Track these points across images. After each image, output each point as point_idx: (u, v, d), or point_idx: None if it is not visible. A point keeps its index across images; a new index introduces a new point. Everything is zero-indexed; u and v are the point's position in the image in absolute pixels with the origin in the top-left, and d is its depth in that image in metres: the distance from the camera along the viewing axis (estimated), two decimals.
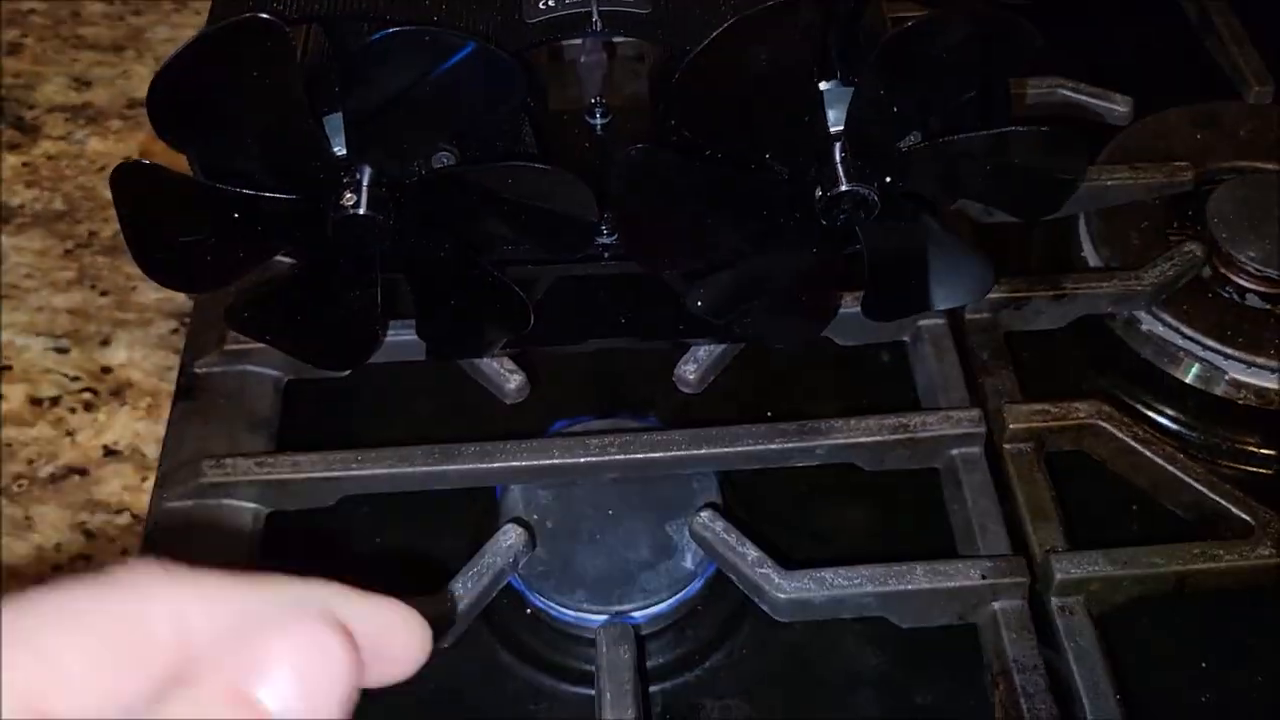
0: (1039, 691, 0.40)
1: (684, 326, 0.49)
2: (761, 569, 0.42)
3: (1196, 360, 0.52)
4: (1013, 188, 0.40)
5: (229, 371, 0.50)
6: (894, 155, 0.38)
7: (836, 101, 0.38)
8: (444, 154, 0.40)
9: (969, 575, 0.42)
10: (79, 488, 0.49)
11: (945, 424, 0.46)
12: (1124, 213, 0.56)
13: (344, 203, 0.37)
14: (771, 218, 0.39)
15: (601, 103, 0.47)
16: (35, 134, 0.63)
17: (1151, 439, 0.47)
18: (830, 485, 0.49)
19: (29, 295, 0.56)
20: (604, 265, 0.45)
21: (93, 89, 0.66)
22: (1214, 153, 0.58)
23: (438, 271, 0.41)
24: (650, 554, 0.45)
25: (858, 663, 0.44)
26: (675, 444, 0.46)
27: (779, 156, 0.38)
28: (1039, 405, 0.47)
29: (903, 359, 0.52)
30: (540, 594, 0.44)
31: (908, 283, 0.43)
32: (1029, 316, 0.52)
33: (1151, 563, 0.43)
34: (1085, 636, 0.42)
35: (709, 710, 0.43)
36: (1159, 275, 0.51)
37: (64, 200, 0.60)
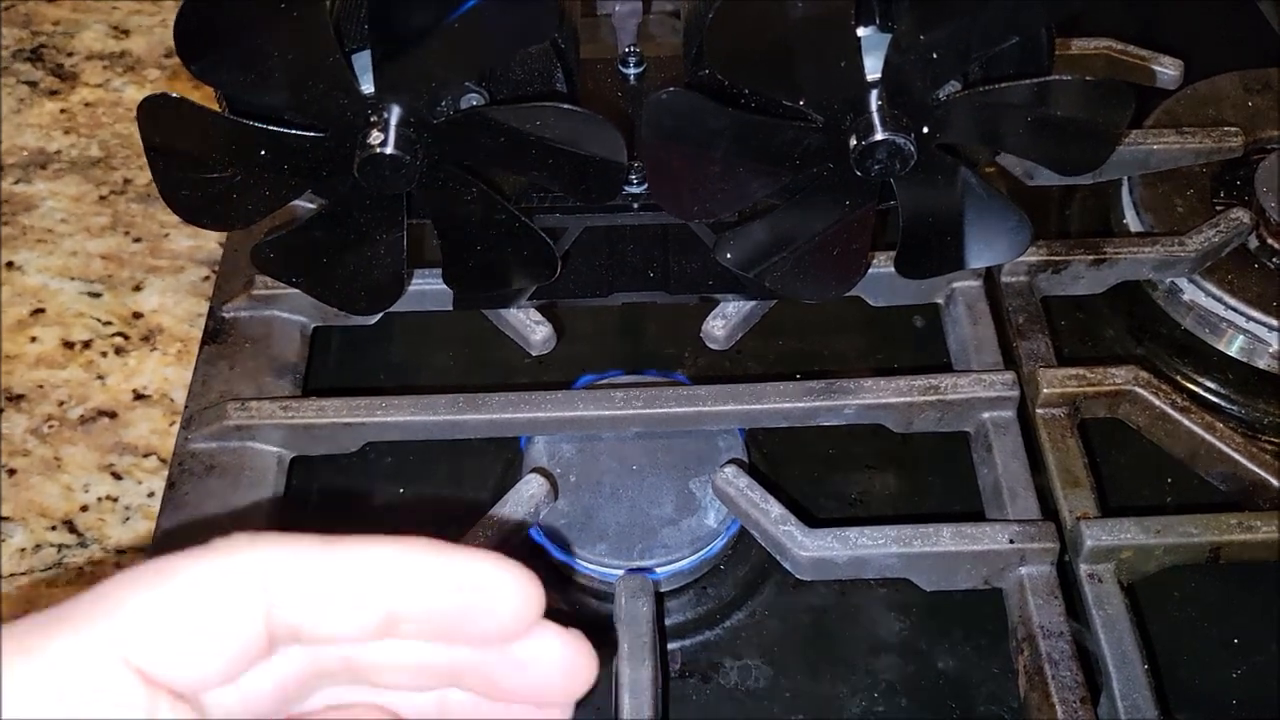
0: (1064, 659, 0.40)
1: (713, 282, 0.48)
2: (785, 526, 0.42)
3: (1240, 332, 0.50)
4: (1054, 141, 0.39)
5: (256, 316, 0.50)
6: (932, 105, 0.37)
7: (874, 48, 0.37)
8: (473, 96, 0.40)
9: (997, 539, 0.42)
10: (108, 430, 0.50)
11: (978, 386, 0.45)
12: (1169, 179, 0.54)
13: (370, 141, 0.36)
14: (804, 167, 0.39)
15: (636, 51, 0.46)
16: (73, 81, 0.64)
17: (1190, 407, 0.45)
18: (857, 447, 0.48)
19: (64, 240, 0.56)
20: (633, 215, 0.44)
21: (131, 37, 0.66)
22: (1265, 120, 0.56)
23: (465, 217, 0.41)
24: (673, 510, 0.44)
25: (880, 627, 0.44)
26: (701, 399, 0.45)
27: (813, 103, 0.37)
28: (1074, 370, 0.46)
29: (935, 321, 0.51)
30: (561, 547, 0.44)
31: (943, 239, 0.42)
32: (1067, 281, 0.51)
33: (1186, 532, 0.42)
34: (1114, 605, 0.41)
35: (728, 670, 0.43)
36: (1204, 242, 0.50)
37: (100, 147, 0.61)
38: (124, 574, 0.21)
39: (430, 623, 0.22)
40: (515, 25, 0.34)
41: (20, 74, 0.64)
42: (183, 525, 0.44)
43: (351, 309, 0.45)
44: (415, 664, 0.23)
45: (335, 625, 0.22)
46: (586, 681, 0.24)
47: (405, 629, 0.22)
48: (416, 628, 0.22)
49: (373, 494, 0.48)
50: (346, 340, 0.52)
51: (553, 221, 0.44)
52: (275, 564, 0.21)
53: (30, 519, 0.47)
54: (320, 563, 0.21)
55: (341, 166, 0.37)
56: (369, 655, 0.23)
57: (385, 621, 0.22)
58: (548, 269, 0.42)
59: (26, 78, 0.64)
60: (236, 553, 0.21)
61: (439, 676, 0.24)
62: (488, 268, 0.43)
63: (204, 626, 0.21)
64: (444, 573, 0.22)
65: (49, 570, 0.45)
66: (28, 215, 0.57)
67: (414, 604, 0.22)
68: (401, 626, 0.22)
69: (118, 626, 0.20)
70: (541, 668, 0.23)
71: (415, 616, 0.22)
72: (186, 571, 0.21)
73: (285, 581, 0.21)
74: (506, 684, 0.24)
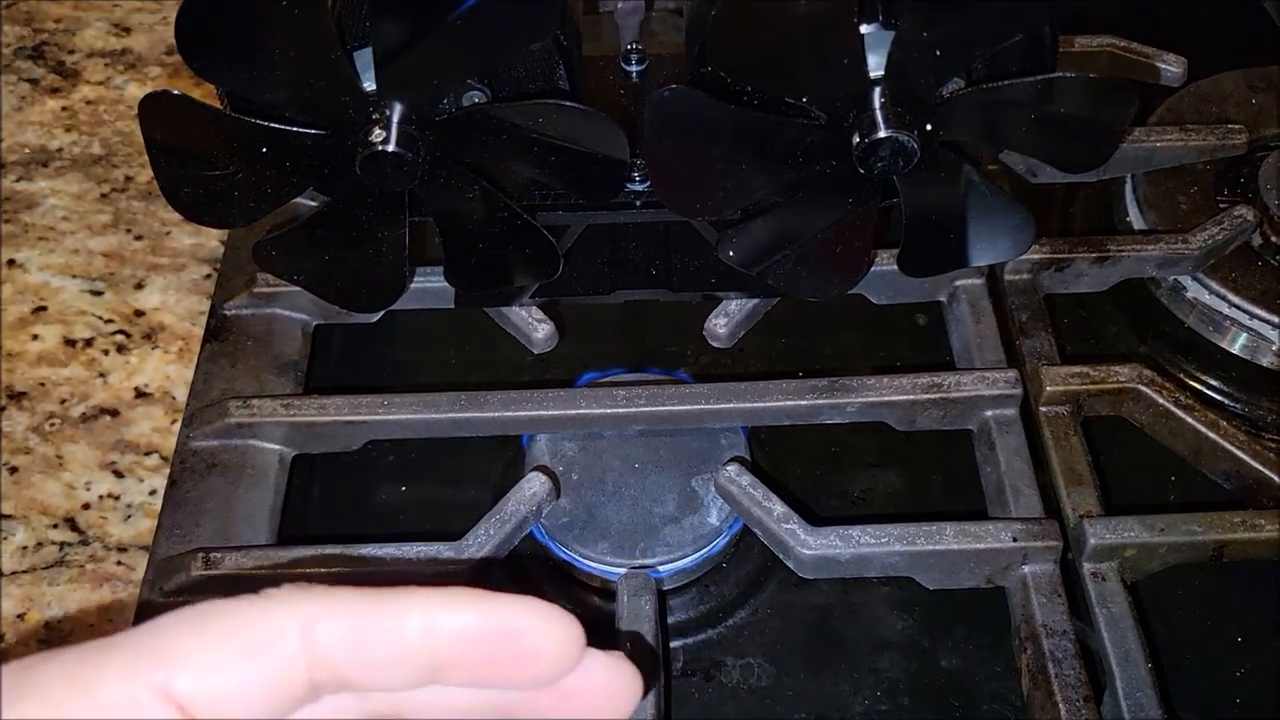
0: (1068, 657, 0.40)
1: (715, 279, 0.48)
2: (787, 524, 0.42)
3: (1243, 329, 0.50)
4: (1058, 138, 0.39)
5: (258, 314, 0.50)
6: (935, 102, 0.37)
7: (877, 45, 0.37)
8: (475, 93, 0.40)
9: (1000, 537, 0.41)
10: (109, 428, 0.50)
11: (981, 384, 0.45)
12: (1172, 176, 0.54)
13: (372, 139, 0.36)
14: (807, 165, 0.39)
15: (638, 49, 0.46)
16: (75, 79, 0.63)
17: (1193, 405, 0.45)
18: (860, 445, 0.48)
19: (65, 238, 0.56)
20: (635, 213, 0.44)
21: (132, 35, 0.66)
22: (1269, 118, 0.56)
23: (467, 214, 0.40)
24: (675, 509, 0.44)
25: (882, 625, 0.44)
26: (703, 397, 0.45)
27: (816, 100, 0.37)
28: (1078, 368, 0.46)
29: (938, 319, 0.51)
30: (563, 545, 0.44)
31: (946, 236, 0.42)
32: (1070, 279, 0.50)
33: (1190, 530, 0.42)
34: (1117, 604, 0.41)
35: (730, 668, 0.43)
36: (1207, 239, 0.50)
37: (102, 145, 0.60)
38: (174, 613, 0.21)
39: (475, 670, 0.23)
40: (517, 22, 0.34)
41: (22, 71, 0.64)
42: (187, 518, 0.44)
43: (353, 307, 0.45)
44: (462, 706, 0.24)
45: (381, 676, 0.22)
46: (633, 703, 0.24)
47: (451, 675, 0.23)
48: (462, 675, 0.23)
49: (375, 492, 0.48)
50: (348, 338, 0.52)
51: (555, 219, 0.44)
52: (320, 613, 0.22)
53: (31, 517, 0.47)
54: (364, 613, 0.22)
55: (343, 164, 0.37)
56: (417, 700, 0.23)
57: (430, 671, 0.22)
58: (550, 267, 0.42)
59: (28, 75, 0.64)
60: (283, 600, 0.22)
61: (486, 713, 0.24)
62: (490, 265, 0.43)
63: (247, 669, 0.21)
64: (486, 622, 0.22)
65: (50, 568, 0.45)
66: (29, 213, 0.57)
67: (458, 654, 0.22)
68: (446, 673, 0.23)
69: (164, 664, 0.20)
70: (587, 696, 0.24)
71: (460, 665, 0.22)
72: (234, 615, 0.21)
73: (329, 631, 0.22)
74: (555, 714, 0.24)
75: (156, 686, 0.20)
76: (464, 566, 0.41)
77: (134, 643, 0.21)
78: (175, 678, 0.20)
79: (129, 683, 0.20)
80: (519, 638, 0.22)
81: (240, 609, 0.21)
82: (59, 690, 0.20)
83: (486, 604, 0.22)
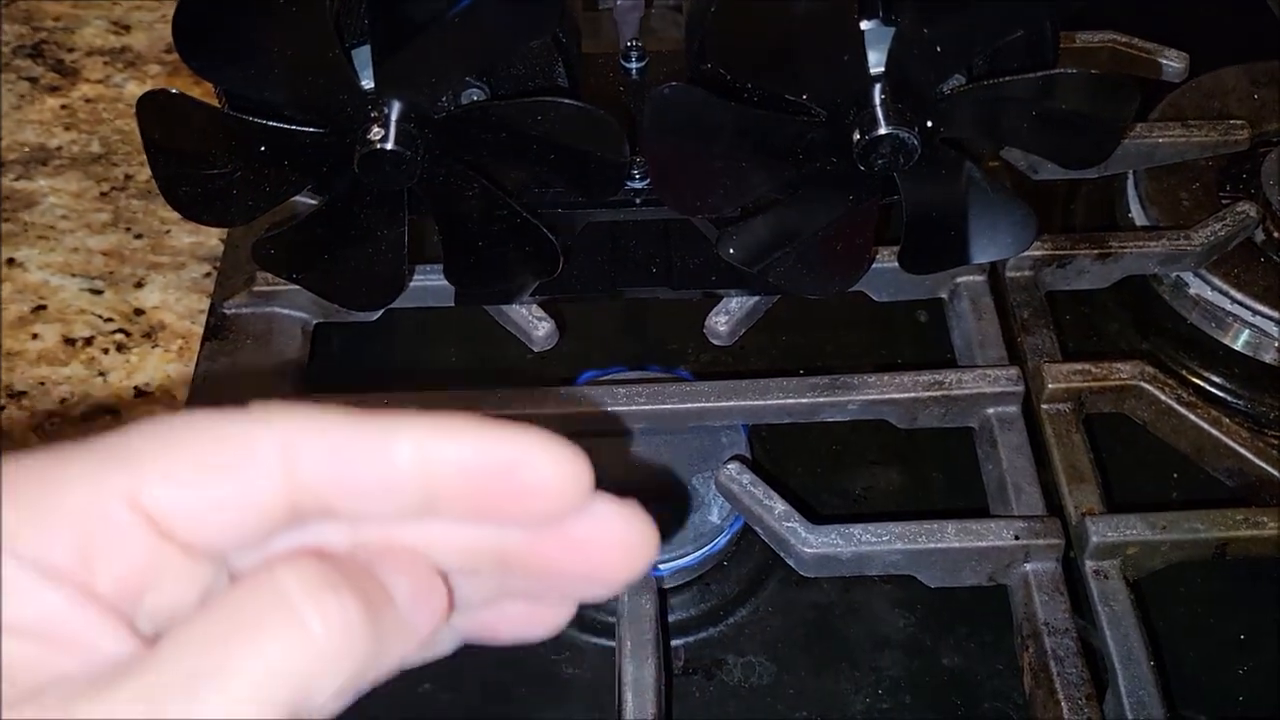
0: (1070, 655, 0.39)
1: (715, 277, 0.48)
2: (788, 523, 0.41)
3: (1245, 326, 0.50)
4: (1059, 135, 0.38)
5: (258, 313, 0.50)
6: (936, 98, 0.37)
7: (878, 42, 0.37)
8: (474, 91, 0.39)
9: (1002, 535, 0.41)
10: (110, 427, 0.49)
11: (982, 382, 0.45)
12: (1175, 172, 0.54)
13: (371, 137, 0.36)
14: (808, 162, 0.38)
15: (638, 46, 0.46)
16: (74, 77, 0.63)
17: (1196, 402, 0.45)
18: (861, 443, 0.48)
19: (65, 236, 0.56)
20: (635, 211, 0.44)
21: (132, 33, 0.66)
22: (1271, 113, 0.56)
23: (466, 212, 0.40)
24: (676, 507, 0.44)
25: (884, 624, 0.43)
26: (704, 395, 0.45)
27: (816, 97, 0.37)
28: (1079, 365, 0.46)
29: (940, 317, 0.51)
30: None
31: (947, 233, 0.42)
32: (1072, 275, 0.50)
33: (1192, 528, 0.42)
34: (1120, 602, 0.41)
35: (731, 666, 0.43)
36: (1209, 235, 0.49)
37: (101, 143, 0.60)
38: (148, 421, 0.20)
39: (470, 502, 0.21)
40: (516, 20, 0.34)
41: (21, 70, 0.64)
42: None
43: (353, 305, 0.45)
44: (460, 546, 0.22)
45: (368, 504, 0.20)
46: (648, 558, 0.22)
47: (445, 508, 0.21)
48: (456, 507, 0.21)
49: None
50: (348, 337, 0.52)
51: (554, 217, 0.44)
52: (302, 432, 0.20)
53: None
54: (350, 436, 0.20)
55: (342, 162, 0.37)
56: (411, 536, 0.22)
57: (422, 503, 0.21)
58: (550, 265, 0.42)
59: (27, 74, 0.63)
60: (263, 416, 0.20)
61: (487, 560, 0.22)
62: (489, 263, 0.43)
63: (221, 483, 0.19)
64: (482, 452, 0.20)
65: None
66: (29, 212, 0.57)
67: (452, 485, 0.20)
68: (441, 506, 0.21)
69: (133, 471, 0.19)
70: (599, 548, 0.22)
71: (453, 495, 0.21)
72: (210, 427, 0.20)
73: (311, 448, 0.20)
74: (562, 566, 0.22)
75: (125, 494, 0.19)
76: None
77: (103, 448, 0.19)
78: (144, 486, 0.19)
79: (96, 488, 0.19)
80: (517, 470, 0.20)
81: (218, 422, 0.20)
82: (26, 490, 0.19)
83: (483, 433, 0.20)
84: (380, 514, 0.21)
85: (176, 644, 0.19)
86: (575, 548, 0.22)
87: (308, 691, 0.19)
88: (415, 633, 0.21)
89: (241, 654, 0.18)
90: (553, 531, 0.22)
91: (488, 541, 0.22)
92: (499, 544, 0.22)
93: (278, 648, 0.19)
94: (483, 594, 0.24)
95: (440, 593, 0.22)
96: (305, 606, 0.19)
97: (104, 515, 0.19)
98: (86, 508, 0.19)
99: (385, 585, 0.21)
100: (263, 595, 0.19)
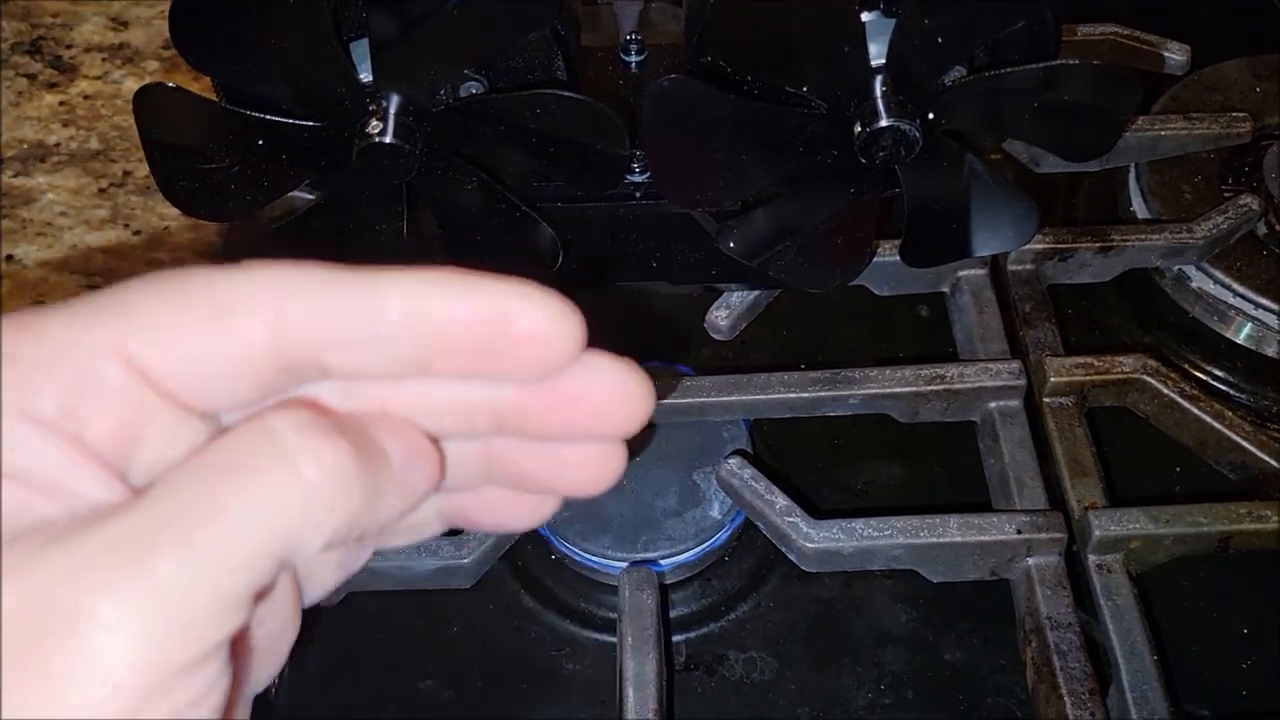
0: (1073, 650, 0.39)
1: (716, 271, 0.48)
2: (790, 518, 0.41)
3: (1247, 319, 0.50)
4: (1061, 127, 0.38)
5: None
6: (937, 90, 0.37)
7: (879, 34, 0.36)
8: (473, 84, 0.39)
9: (1004, 529, 0.41)
10: None
11: (984, 375, 0.45)
12: (1177, 165, 0.54)
13: (369, 130, 0.36)
14: (808, 154, 0.38)
15: (637, 39, 0.46)
16: (72, 73, 0.63)
17: (1198, 395, 0.45)
18: (863, 437, 0.48)
19: (63, 233, 0.56)
20: (635, 205, 0.44)
21: (130, 29, 0.65)
22: (1273, 106, 0.56)
23: (465, 206, 0.40)
24: (677, 502, 0.44)
25: (886, 618, 0.43)
26: (704, 390, 0.45)
27: (817, 90, 0.37)
28: (1082, 359, 0.46)
29: (941, 310, 0.50)
30: (564, 540, 0.43)
31: (948, 227, 0.41)
32: (1074, 269, 0.50)
33: (1195, 522, 0.41)
34: (1123, 596, 0.41)
35: (733, 662, 0.42)
36: (1212, 228, 0.49)
37: (99, 140, 0.60)
38: (138, 278, 0.20)
39: (464, 355, 0.21)
40: (515, 12, 0.34)
41: (19, 66, 0.63)
42: None
43: None
44: (455, 406, 0.22)
45: (360, 359, 0.20)
46: (645, 411, 0.22)
47: (439, 364, 0.21)
48: (450, 362, 0.21)
49: None
50: None
51: (554, 211, 0.44)
52: (291, 285, 0.20)
53: None
54: (339, 286, 0.20)
55: (340, 156, 0.37)
56: (406, 398, 0.21)
57: (414, 357, 0.20)
58: (551, 258, 0.42)
59: (25, 70, 0.63)
60: (250, 268, 0.20)
61: (483, 421, 0.22)
62: (489, 259, 0.42)
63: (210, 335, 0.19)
64: (473, 303, 0.20)
65: None
66: (27, 208, 0.57)
67: (443, 338, 0.20)
68: (434, 362, 0.21)
69: (121, 323, 0.19)
70: (595, 400, 0.21)
71: (446, 348, 0.20)
72: (200, 282, 0.19)
73: (301, 299, 0.19)
74: (558, 421, 0.22)
75: (113, 345, 0.19)
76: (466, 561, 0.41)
77: (92, 302, 0.19)
78: (132, 338, 0.19)
79: (84, 339, 0.19)
80: (509, 319, 0.20)
81: (207, 276, 0.19)
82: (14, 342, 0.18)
83: (472, 284, 0.20)
84: (373, 369, 0.20)
85: (165, 486, 0.18)
86: (570, 402, 0.21)
87: (298, 537, 0.19)
88: (409, 492, 0.21)
89: (231, 495, 0.18)
90: (546, 386, 0.21)
91: (482, 400, 0.22)
92: (493, 402, 0.22)
93: (268, 490, 0.18)
94: (468, 477, 0.24)
95: (433, 457, 0.22)
96: (297, 450, 0.19)
97: (92, 366, 0.19)
98: (74, 358, 0.19)
99: (379, 443, 0.20)
100: (254, 438, 0.19)
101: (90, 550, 0.17)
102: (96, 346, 0.19)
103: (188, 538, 0.17)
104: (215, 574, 0.17)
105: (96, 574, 0.17)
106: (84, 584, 0.17)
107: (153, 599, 0.17)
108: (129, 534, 0.17)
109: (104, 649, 0.16)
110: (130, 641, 0.17)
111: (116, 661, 0.17)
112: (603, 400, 0.22)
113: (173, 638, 0.17)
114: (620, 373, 0.22)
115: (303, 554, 0.19)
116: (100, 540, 0.17)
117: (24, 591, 0.17)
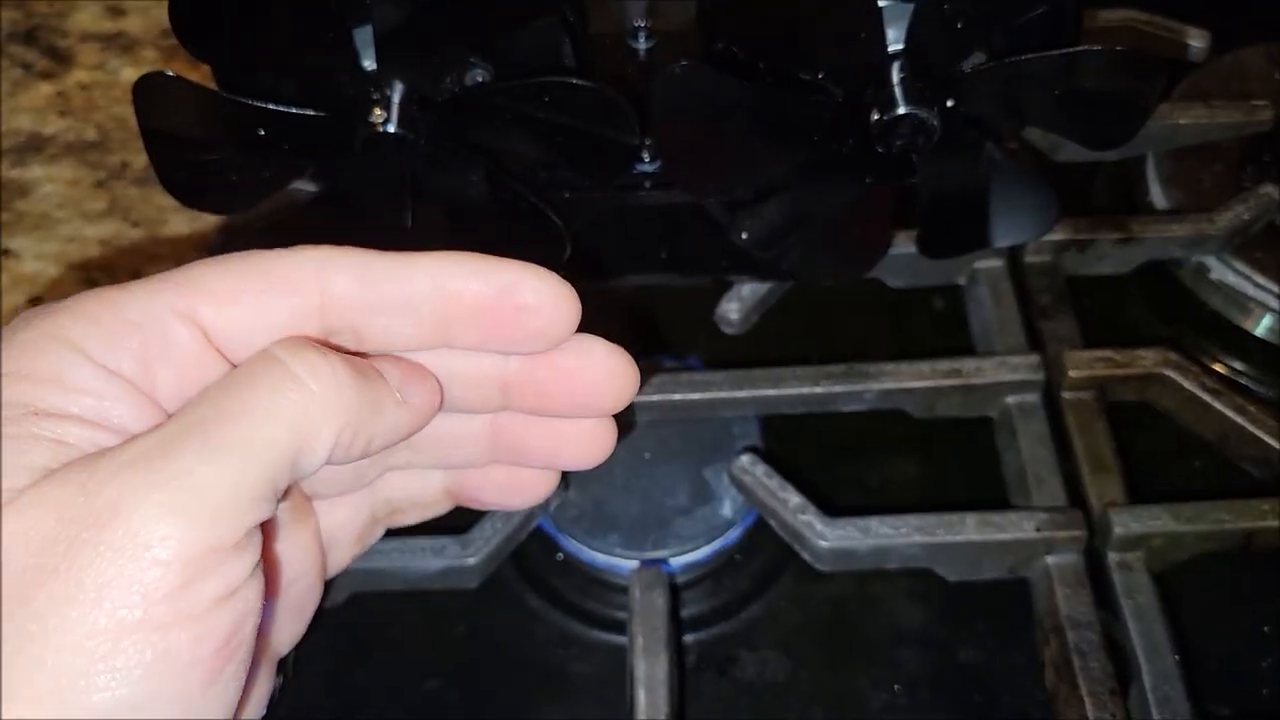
0: (1093, 650, 0.38)
1: (727, 263, 0.47)
2: (803, 516, 0.41)
3: (1269, 311, 0.49)
4: (1082, 114, 0.37)
5: None
6: (956, 77, 0.36)
7: (896, 19, 0.35)
8: (478, 71, 0.38)
9: (1022, 527, 0.40)
10: None
11: (1001, 370, 0.44)
12: (1196, 154, 0.53)
13: (373, 119, 0.35)
14: (823, 143, 0.37)
15: (646, 26, 0.45)
16: (68, 63, 0.62)
17: (1220, 389, 0.44)
18: (878, 433, 0.47)
19: (60, 225, 0.55)
20: (644, 195, 0.43)
21: (127, 17, 0.64)
22: None
23: (471, 196, 0.39)
24: (687, 500, 0.43)
25: (900, 618, 0.42)
26: (715, 385, 0.44)
27: (832, 76, 0.36)
28: (1101, 352, 0.45)
29: (957, 303, 0.50)
30: (572, 538, 0.42)
31: (966, 217, 0.40)
32: (1092, 260, 0.49)
33: (1218, 519, 0.41)
34: (1144, 594, 0.40)
35: (745, 663, 0.42)
36: (1232, 219, 0.48)
37: (96, 130, 0.59)
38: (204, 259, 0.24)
39: (477, 328, 0.24)
40: None
41: (14, 56, 0.62)
42: None
43: None
44: (467, 376, 0.26)
45: (391, 324, 0.24)
46: (631, 386, 0.26)
47: (457, 334, 0.25)
48: (465, 334, 0.25)
49: None
50: None
51: (561, 201, 0.43)
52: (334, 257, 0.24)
53: None
54: (375, 262, 0.24)
55: (343, 146, 0.36)
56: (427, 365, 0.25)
57: (437, 326, 0.24)
58: (558, 250, 0.41)
59: (20, 60, 0.62)
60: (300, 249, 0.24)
61: (492, 390, 0.26)
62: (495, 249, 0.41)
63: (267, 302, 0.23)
64: (485, 273, 0.24)
65: None
66: (23, 200, 0.56)
67: (461, 309, 0.24)
68: (452, 330, 0.24)
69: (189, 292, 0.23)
70: (588, 374, 0.26)
71: (463, 319, 0.24)
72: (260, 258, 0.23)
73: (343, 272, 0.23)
74: (555, 392, 0.26)
75: (181, 310, 0.22)
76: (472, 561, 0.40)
77: (162, 276, 0.23)
78: (199, 304, 0.23)
79: (155, 303, 0.22)
80: (514, 290, 0.24)
81: (266, 254, 0.24)
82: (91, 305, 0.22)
83: (483, 262, 0.25)
84: (401, 337, 0.24)
85: (187, 405, 0.22)
86: (566, 376, 0.26)
87: (306, 436, 0.22)
88: (412, 408, 0.25)
89: (242, 402, 0.22)
90: (547, 361, 0.26)
91: (491, 372, 0.26)
92: (501, 375, 0.26)
93: (273, 395, 0.22)
94: (476, 456, 0.28)
95: (431, 380, 0.26)
96: (295, 365, 0.22)
97: (163, 329, 0.22)
98: (149, 321, 0.22)
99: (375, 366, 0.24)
100: (259, 361, 0.22)
101: (127, 459, 0.21)
102: (168, 311, 0.23)
103: (206, 438, 0.21)
104: (234, 466, 0.21)
105: (131, 473, 0.20)
106: (121, 481, 0.20)
107: (181, 489, 0.20)
108: (158, 441, 0.21)
109: (140, 531, 0.20)
110: (166, 528, 0.20)
111: (155, 541, 0.20)
112: (593, 375, 0.26)
113: (203, 522, 0.20)
114: (608, 353, 0.26)
115: (312, 455, 0.22)
116: (137, 449, 0.21)
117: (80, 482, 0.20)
